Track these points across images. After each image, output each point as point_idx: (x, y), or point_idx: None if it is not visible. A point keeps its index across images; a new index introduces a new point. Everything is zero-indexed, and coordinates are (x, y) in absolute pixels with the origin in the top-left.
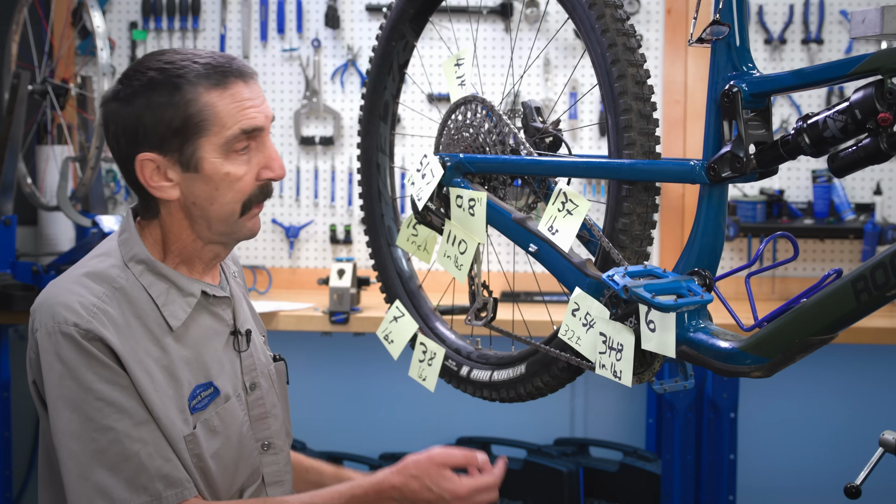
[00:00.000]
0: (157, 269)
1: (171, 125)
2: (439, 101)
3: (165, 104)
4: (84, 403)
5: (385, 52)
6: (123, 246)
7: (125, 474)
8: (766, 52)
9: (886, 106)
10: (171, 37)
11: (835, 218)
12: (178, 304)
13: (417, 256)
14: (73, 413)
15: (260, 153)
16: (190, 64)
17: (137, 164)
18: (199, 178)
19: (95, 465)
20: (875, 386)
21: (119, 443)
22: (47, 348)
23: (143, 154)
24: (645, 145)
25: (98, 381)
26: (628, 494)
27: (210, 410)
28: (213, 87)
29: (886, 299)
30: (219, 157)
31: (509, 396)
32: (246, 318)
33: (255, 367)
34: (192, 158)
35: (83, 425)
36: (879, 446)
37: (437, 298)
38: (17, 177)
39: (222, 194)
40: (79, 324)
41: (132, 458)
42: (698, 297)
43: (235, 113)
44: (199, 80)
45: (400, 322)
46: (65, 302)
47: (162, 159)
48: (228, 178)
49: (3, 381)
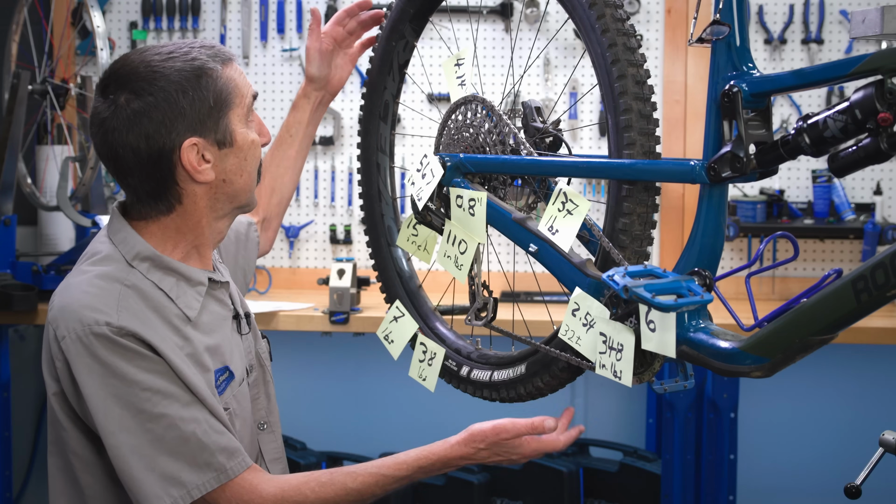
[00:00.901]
0: (164, 264)
1: (206, 105)
2: (439, 101)
3: (196, 86)
4: (132, 397)
5: (385, 52)
6: (122, 245)
7: (187, 456)
8: (766, 52)
9: (886, 106)
10: (171, 37)
11: (835, 218)
12: (189, 295)
13: (417, 256)
14: (123, 409)
15: (254, 120)
16: (190, 49)
17: (183, 154)
18: (232, 152)
19: (157, 455)
20: (875, 386)
21: (175, 427)
22: (80, 352)
23: (188, 140)
24: (645, 145)
25: (140, 373)
26: (628, 494)
27: (228, 393)
28: (224, 65)
29: (886, 299)
30: (244, 127)
31: (509, 396)
32: (239, 301)
33: (251, 349)
34: (227, 133)
35: (136, 418)
36: (879, 446)
37: (437, 298)
38: (17, 177)
39: (249, 163)
40: (110, 322)
41: (190, 439)
42: (698, 296)
43: (245, 82)
44: (211, 59)
45: (400, 322)
46: (88, 303)
47: (203, 141)
48: (253, 145)
49: (3, 381)
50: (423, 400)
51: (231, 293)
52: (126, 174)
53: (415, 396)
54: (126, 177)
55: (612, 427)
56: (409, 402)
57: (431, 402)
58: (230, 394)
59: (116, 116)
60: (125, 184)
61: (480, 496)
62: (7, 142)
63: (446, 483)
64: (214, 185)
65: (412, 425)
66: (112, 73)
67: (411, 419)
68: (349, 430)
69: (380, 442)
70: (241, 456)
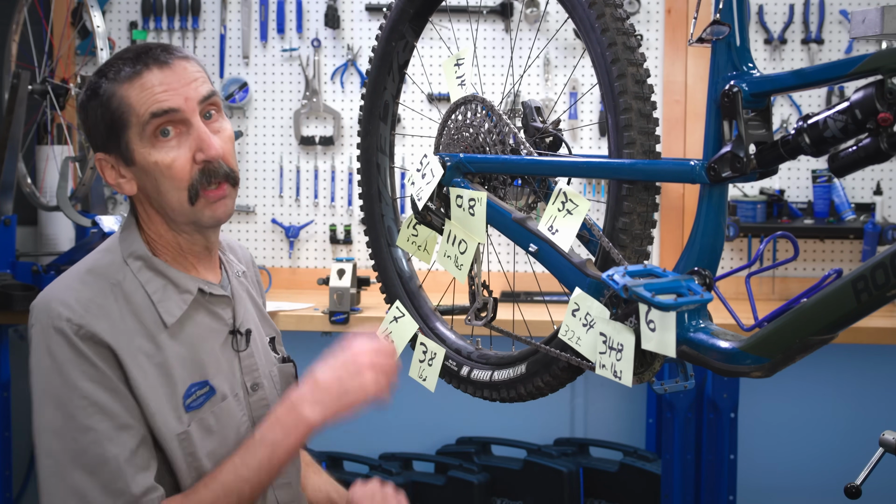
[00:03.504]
0: (155, 266)
1: (102, 124)
2: (439, 101)
3: (96, 105)
4: (68, 401)
5: (385, 53)
6: (123, 242)
7: (102, 478)
8: (766, 52)
9: (886, 106)
10: (170, 37)
11: (835, 218)
12: (173, 301)
13: (417, 256)
14: (56, 410)
15: (189, 136)
16: (115, 62)
17: (97, 165)
18: (140, 171)
19: (73, 466)
20: (875, 386)
21: (99, 444)
22: (38, 343)
23: (97, 155)
24: (645, 144)
25: (84, 380)
26: (628, 494)
27: (206, 409)
28: (126, 80)
29: (886, 299)
30: (145, 148)
31: (509, 396)
32: (247, 318)
33: (256, 368)
34: (127, 152)
35: (65, 423)
36: (879, 446)
37: (438, 298)
38: (17, 177)
39: (162, 184)
40: (72, 318)
41: (110, 462)
42: (698, 296)
43: (146, 99)
44: (116, 76)
45: (400, 322)
46: (61, 298)
47: (110, 157)
48: (159, 167)
49: (3, 381)
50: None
51: (235, 308)
52: None
53: (415, 396)
54: None
55: (612, 427)
56: (409, 402)
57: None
58: (208, 409)
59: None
60: None
61: (480, 496)
62: (7, 142)
63: (446, 483)
64: (144, 198)
65: (412, 425)
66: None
67: (411, 419)
68: (349, 430)
69: (380, 442)
70: (156, 492)
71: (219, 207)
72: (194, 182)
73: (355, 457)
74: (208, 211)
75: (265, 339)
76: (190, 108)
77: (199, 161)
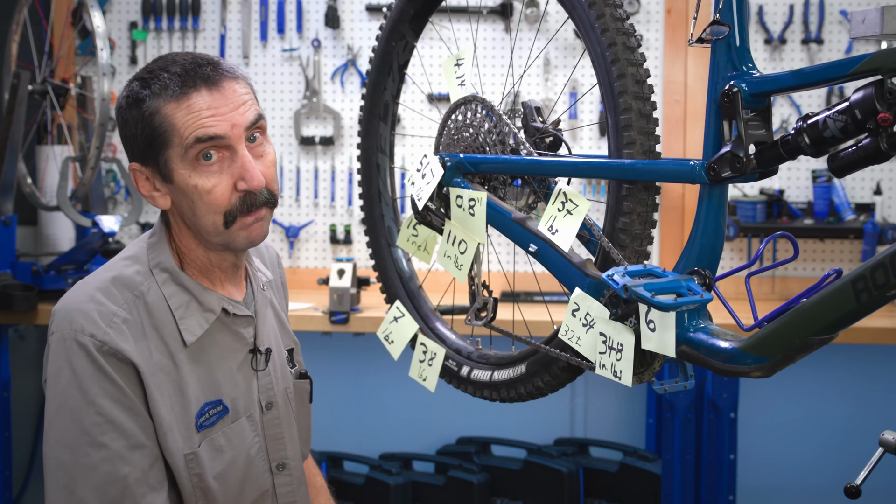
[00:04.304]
0: (180, 280)
1: (142, 137)
2: (439, 101)
3: (136, 118)
4: (84, 416)
5: (385, 53)
6: (151, 251)
7: (109, 496)
8: (766, 52)
9: (886, 106)
10: (171, 37)
11: (835, 218)
12: (195, 319)
13: (417, 256)
14: (71, 423)
15: (233, 163)
16: (161, 73)
17: (131, 174)
18: (176, 190)
19: (83, 481)
20: (875, 386)
21: (111, 462)
22: (60, 353)
23: (132, 164)
24: (645, 144)
25: (102, 397)
26: (628, 494)
27: (217, 429)
28: (173, 99)
29: (886, 299)
30: (186, 169)
31: (510, 396)
32: (267, 336)
33: (272, 386)
34: (166, 170)
35: (78, 437)
36: (879, 446)
37: (438, 298)
38: (17, 177)
39: (198, 206)
40: (95, 335)
41: (119, 482)
42: (698, 296)
43: (191, 123)
44: (162, 91)
45: (400, 322)
46: (85, 310)
47: (146, 169)
48: (198, 191)
49: (3, 381)
50: (423, 400)
51: (257, 327)
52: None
53: (415, 396)
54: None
55: (612, 427)
56: (409, 402)
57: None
58: (220, 429)
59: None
60: None
61: (480, 496)
62: (7, 142)
63: (446, 483)
64: (178, 213)
65: (412, 425)
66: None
67: (411, 419)
68: (349, 430)
69: (380, 442)
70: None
71: (255, 230)
72: (233, 209)
73: (355, 457)
74: (244, 233)
75: (283, 353)
76: (236, 136)
77: (239, 189)
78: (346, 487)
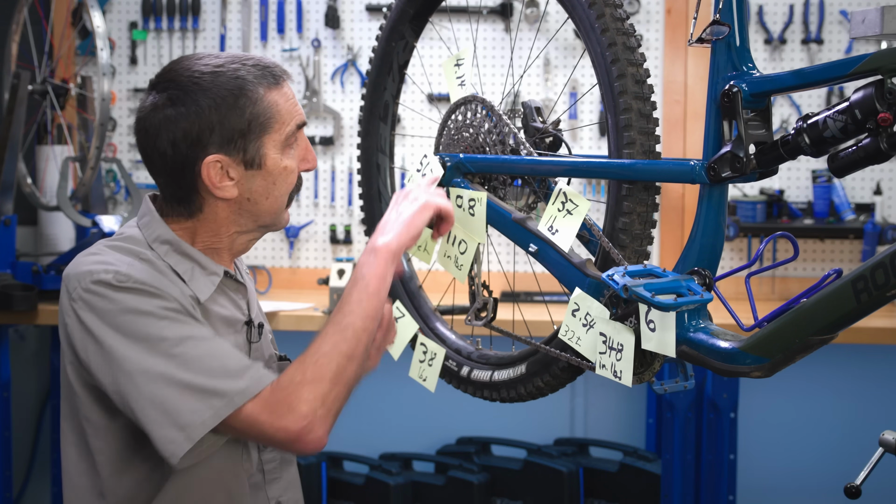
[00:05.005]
0: (182, 249)
1: (238, 126)
2: (439, 101)
3: (232, 106)
4: (149, 327)
5: (385, 53)
6: (146, 229)
7: (219, 370)
8: (766, 52)
9: (886, 106)
10: (171, 37)
11: (835, 218)
12: (202, 281)
13: (417, 256)
14: (143, 341)
15: (300, 146)
16: (241, 66)
17: (204, 168)
18: (260, 175)
19: (189, 373)
20: (875, 386)
21: (200, 345)
22: (89, 300)
23: (211, 156)
24: (645, 144)
25: (153, 306)
26: (628, 494)
27: None
28: (271, 87)
29: (886, 299)
30: (278, 153)
31: (510, 396)
32: (255, 311)
33: (262, 360)
34: (257, 156)
35: (158, 346)
36: (879, 446)
37: (438, 299)
38: (17, 177)
39: (278, 188)
40: (119, 270)
41: (217, 353)
42: (698, 296)
43: (291, 109)
44: (258, 80)
45: (400, 322)
46: (97, 259)
47: (227, 159)
48: (286, 172)
49: (3, 381)
50: (423, 400)
51: (249, 300)
52: (155, 174)
53: (415, 396)
54: (155, 176)
55: (612, 427)
56: (409, 402)
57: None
58: None
59: (151, 118)
60: (156, 181)
61: (480, 496)
62: (7, 142)
63: (446, 483)
64: (238, 201)
65: (412, 425)
66: (163, 72)
67: (411, 419)
68: (349, 430)
69: (380, 442)
70: (268, 367)
71: (288, 213)
72: (295, 187)
73: (355, 457)
74: (286, 215)
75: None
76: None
77: (300, 169)
78: (346, 487)
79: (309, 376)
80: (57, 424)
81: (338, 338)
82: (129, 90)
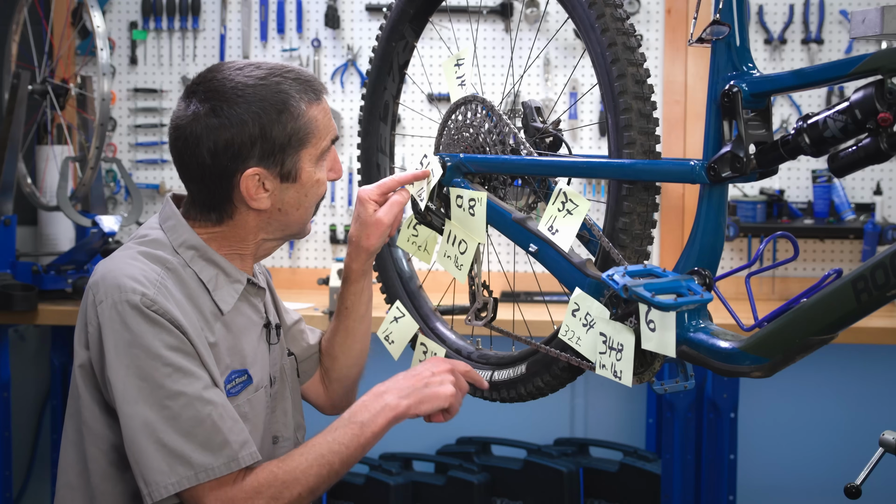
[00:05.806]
0: (208, 255)
1: (279, 140)
2: (439, 101)
3: (275, 120)
4: (154, 370)
5: (385, 53)
6: (171, 232)
7: (200, 438)
8: (766, 52)
9: (886, 106)
10: (170, 37)
11: (835, 218)
12: (226, 290)
13: (418, 257)
14: (143, 381)
15: (329, 157)
16: (283, 79)
17: (242, 181)
18: (293, 187)
19: (170, 432)
20: (875, 386)
21: (191, 406)
22: (113, 318)
23: (251, 169)
24: (645, 144)
25: (165, 349)
26: (628, 494)
27: (242, 397)
28: (312, 102)
29: (886, 299)
30: (313, 166)
31: (510, 396)
32: (272, 312)
33: (277, 361)
34: (293, 169)
35: (154, 392)
36: (879, 446)
37: (438, 299)
38: (17, 177)
39: (309, 199)
40: (146, 293)
41: (205, 421)
42: (698, 296)
43: (328, 124)
44: (300, 95)
45: (400, 322)
46: (129, 273)
47: (265, 172)
48: (318, 184)
49: (3, 381)
50: None
51: (266, 302)
52: (188, 179)
53: None
54: (188, 182)
55: (612, 427)
56: None
57: None
58: (245, 397)
59: (192, 126)
60: (187, 186)
61: (480, 496)
62: (7, 142)
63: (446, 483)
64: (269, 212)
65: (412, 425)
66: (202, 80)
67: (411, 419)
68: None
69: (380, 442)
70: (252, 447)
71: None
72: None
73: None
74: (310, 224)
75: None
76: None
77: (328, 179)
78: (346, 487)
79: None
80: (57, 424)
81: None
82: (129, 90)
